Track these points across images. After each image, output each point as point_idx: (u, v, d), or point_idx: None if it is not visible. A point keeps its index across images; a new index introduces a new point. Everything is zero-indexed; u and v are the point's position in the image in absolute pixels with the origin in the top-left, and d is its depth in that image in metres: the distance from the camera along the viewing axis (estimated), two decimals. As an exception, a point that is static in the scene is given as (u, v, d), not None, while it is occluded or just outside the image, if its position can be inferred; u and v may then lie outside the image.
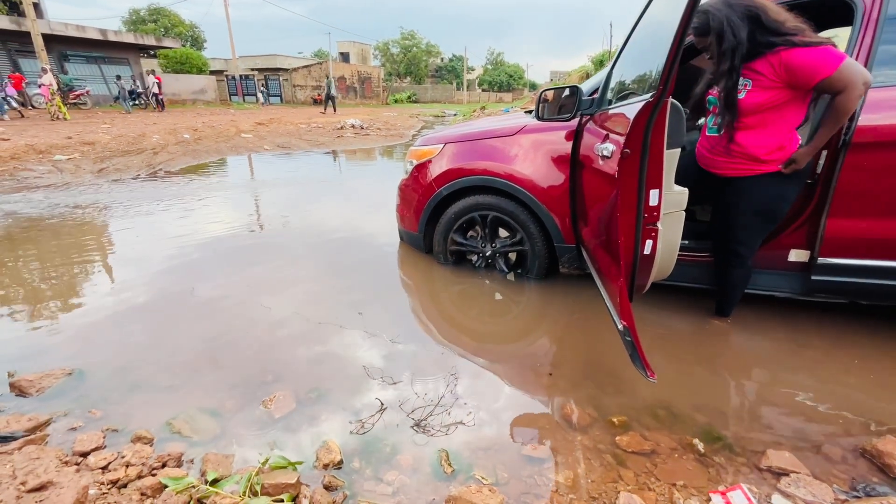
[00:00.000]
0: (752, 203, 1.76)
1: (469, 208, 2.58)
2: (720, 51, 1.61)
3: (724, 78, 1.63)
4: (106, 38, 18.04)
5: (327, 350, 1.94)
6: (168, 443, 1.40)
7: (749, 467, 1.30)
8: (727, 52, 1.60)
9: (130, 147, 7.65)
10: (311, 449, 1.37)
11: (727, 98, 1.65)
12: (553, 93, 2.26)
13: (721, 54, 1.62)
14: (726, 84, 1.63)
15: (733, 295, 2.05)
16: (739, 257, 1.88)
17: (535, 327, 2.19)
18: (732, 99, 1.64)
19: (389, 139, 11.31)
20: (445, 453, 1.35)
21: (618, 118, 1.53)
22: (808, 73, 1.51)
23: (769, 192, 1.73)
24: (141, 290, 2.54)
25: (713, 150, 1.81)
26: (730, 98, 1.64)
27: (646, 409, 1.55)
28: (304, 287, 2.59)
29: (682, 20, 1.15)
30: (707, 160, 1.86)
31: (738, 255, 1.88)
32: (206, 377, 1.75)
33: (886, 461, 1.27)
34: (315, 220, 3.98)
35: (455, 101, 42.55)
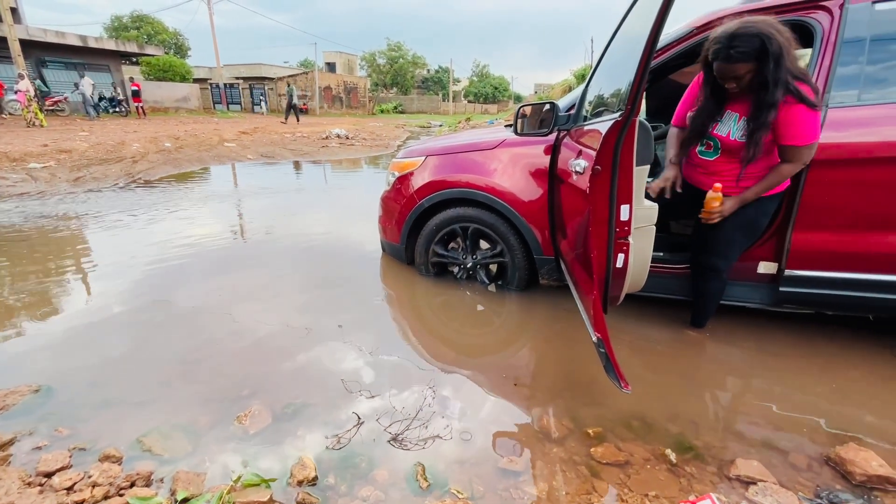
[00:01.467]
0: (737, 218, 1.78)
1: (450, 220, 2.60)
2: (775, 78, 1.49)
3: (767, 111, 1.53)
4: (86, 44, 17.76)
5: (306, 363, 1.93)
6: (138, 461, 1.37)
7: (719, 476, 1.33)
8: (780, 81, 1.48)
9: (109, 155, 7.51)
10: (286, 465, 1.36)
11: (758, 133, 1.57)
12: (531, 108, 2.31)
13: (775, 82, 1.49)
14: (764, 118, 1.54)
15: (709, 306, 2.10)
16: (717, 270, 1.92)
17: (514, 339, 2.21)
18: (761, 136, 1.58)
19: (375, 149, 11.33)
20: (422, 467, 1.35)
21: (591, 134, 1.58)
22: (791, 132, 1.55)
23: (754, 207, 1.76)
24: (116, 302, 2.49)
25: (707, 172, 1.83)
26: (760, 134, 1.58)
27: (620, 420, 1.57)
28: (285, 298, 2.57)
29: (648, 41, 1.20)
30: (698, 180, 1.88)
31: (715, 269, 1.92)
32: (179, 392, 1.71)
33: (848, 468, 1.31)
34: (297, 231, 3.95)
35: (441, 112, 42.90)
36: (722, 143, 1.74)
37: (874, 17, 1.70)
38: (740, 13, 1.89)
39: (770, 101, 1.52)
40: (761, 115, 1.56)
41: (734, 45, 1.50)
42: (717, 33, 1.57)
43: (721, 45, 1.53)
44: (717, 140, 1.76)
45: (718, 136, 1.75)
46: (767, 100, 1.53)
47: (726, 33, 1.52)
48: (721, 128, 1.75)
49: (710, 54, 1.59)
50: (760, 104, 1.56)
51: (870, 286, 1.80)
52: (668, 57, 2.08)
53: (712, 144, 1.79)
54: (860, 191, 1.72)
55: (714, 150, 1.79)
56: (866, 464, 1.29)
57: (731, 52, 1.51)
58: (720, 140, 1.75)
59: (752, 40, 1.47)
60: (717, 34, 1.57)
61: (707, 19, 1.96)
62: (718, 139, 1.75)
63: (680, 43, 2.04)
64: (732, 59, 1.52)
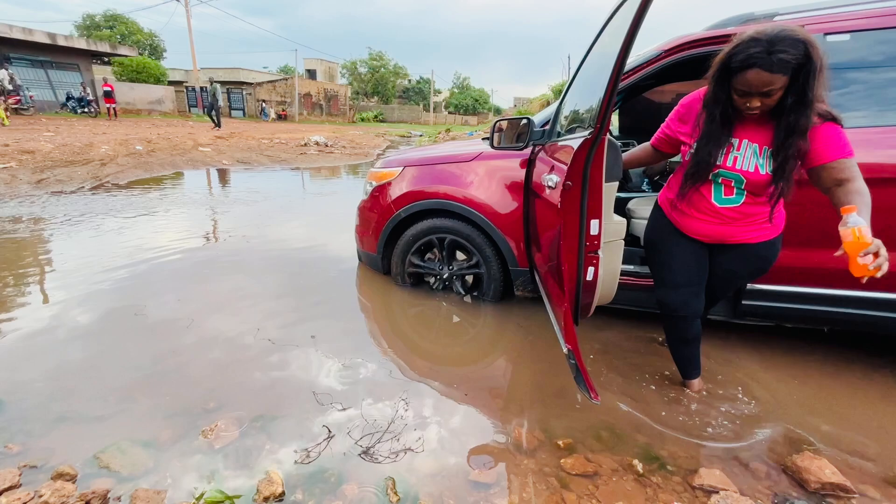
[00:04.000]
0: (757, 263, 1.58)
1: (427, 231, 2.61)
2: (811, 96, 1.24)
3: (797, 137, 1.30)
4: (55, 42, 17.16)
5: (276, 375, 1.89)
6: (94, 479, 1.31)
7: (683, 486, 1.36)
8: (814, 100, 1.26)
9: (75, 157, 7.23)
10: (252, 481, 1.32)
11: (790, 164, 1.34)
12: (507, 122, 2.36)
13: (809, 102, 1.26)
14: (794, 146, 1.31)
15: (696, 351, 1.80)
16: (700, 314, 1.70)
17: (489, 350, 2.22)
18: (793, 167, 1.35)
19: (354, 157, 11.29)
20: (392, 481, 1.34)
21: (563, 151, 1.62)
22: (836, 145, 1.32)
23: (775, 249, 1.58)
24: (76, 311, 2.38)
25: (728, 221, 1.51)
26: (792, 165, 1.34)
27: (590, 431, 1.59)
28: (257, 308, 2.51)
29: (616, 63, 1.24)
30: (717, 232, 1.54)
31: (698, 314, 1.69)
32: (142, 406, 1.65)
33: (804, 476, 1.36)
34: (271, 239, 3.88)
35: (422, 123, 43.14)
36: (749, 180, 1.41)
37: (827, 48, 1.81)
38: (706, 40, 2.00)
39: (804, 125, 1.28)
40: (791, 143, 1.31)
41: (778, 49, 1.20)
42: (749, 36, 1.25)
43: (760, 50, 1.21)
44: (741, 177, 1.43)
45: (743, 172, 1.42)
46: (801, 124, 1.28)
47: (765, 36, 1.21)
48: (744, 162, 1.42)
49: (740, 62, 1.25)
50: (790, 129, 1.30)
51: (824, 300, 1.89)
52: (639, 78, 2.16)
53: (733, 185, 1.46)
54: (811, 210, 1.81)
55: (737, 192, 1.46)
56: (820, 472, 1.35)
57: (775, 59, 1.20)
58: (746, 177, 1.42)
59: (797, 45, 1.20)
60: (747, 37, 1.25)
61: (675, 43, 2.05)
62: (743, 176, 1.42)
63: (649, 65, 2.12)
64: (775, 68, 1.21)
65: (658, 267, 1.72)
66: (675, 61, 2.06)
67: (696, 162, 1.47)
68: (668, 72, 2.17)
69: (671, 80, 3.29)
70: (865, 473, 1.44)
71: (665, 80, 3.24)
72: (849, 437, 1.61)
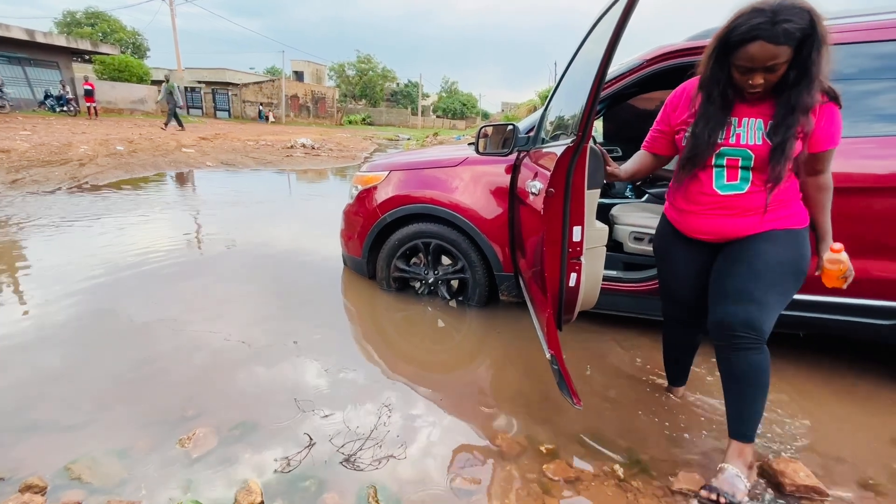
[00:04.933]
0: (787, 255, 1.34)
1: (412, 236, 2.61)
2: (816, 70, 1.17)
3: (800, 115, 1.21)
4: (33, 38, 16.75)
5: (257, 381, 1.86)
6: (65, 491, 1.27)
7: (663, 490, 1.38)
8: (819, 75, 1.18)
9: (53, 157, 7.05)
10: (231, 491, 1.29)
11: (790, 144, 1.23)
12: (493, 128, 2.37)
13: (814, 76, 1.18)
14: (795, 124, 1.22)
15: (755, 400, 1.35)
16: (756, 330, 1.28)
17: (473, 356, 2.22)
18: (793, 147, 1.24)
19: (341, 160, 11.23)
20: (373, 489, 1.32)
21: (546, 157, 1.63)
22: (831, 132, 1.27)
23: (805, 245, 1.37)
24: (50, 316, 2.32)
25: (732, 211, 1.36)
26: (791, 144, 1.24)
27: (573, 437, 1.60)
28: (239, 313, 2.48)
29: (598, 72, 1.26)
30: (722, 227, 1.39)
31: (755, 327, 1.28)
32: (117, 414, 1.61)
33: (780, 479, 1.39)
34: (255, 242, 3.83)
35: (410, 126, 43.16)
36: (758, 155, 1.29)
37: None
38: (686, 50, 2.04)
39: (807, 102, 1.20)
40: (793, 121, 1.22)
41: (783, 18, 1.11)
42: (750, 6, 1.16)
43: (764, 20, 1.12)
44: (749, 153, 1.30)
45: (751, 146, 1.29)
46: (804, 101, 1.20)
47: (769, 5, 1.13)
48: (748, 137, 1.30)
49: (742, 34, 1.16)
50: (792, 105, 1.21)
51: (798, 305, 1.93)
52: (622, 86, 2.19)
53: (739, 166, 1.33)
54: None
55: (743, 176, 1.33)
56: (795, 474, 1.38)
57: (780, 29, 1.11)
58: (755, 151, 1.29)
59: (802, 14, 1.12)
60: (748, 7, 1.16)
61: (656, 53, 2.09)
62: (751, 150, 1.29)
63: (632, 73, 2.15)
64: (780, 39, 1.12)
65: (660, 276, 1.67)
66: (656, 70, 2.10)
67: (693, 144, 1.35)
68: (651, 80, 2.21)
69: (654, 88, 3.35)
70: (839, 476, 1.47)
71: (648, 88, 3.29)
72: (824, 440, 1.65)
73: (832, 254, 1.35)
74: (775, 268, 1.33)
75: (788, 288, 1.36)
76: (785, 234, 1.36)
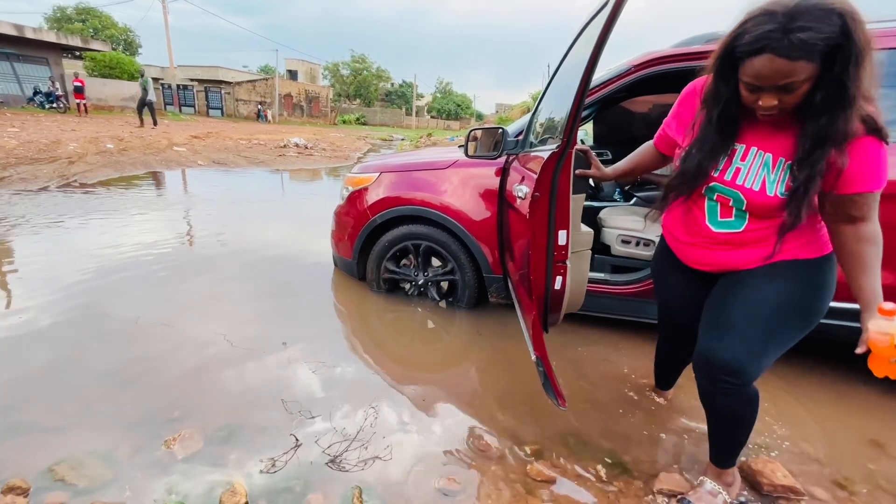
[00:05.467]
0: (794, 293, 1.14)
1: (402, 237, 2.62)
2: (850, 94, 0.91)
3: (830, 147, 0.97)
4: (22, 34, 16.53)
5: (244, 382, 1.86)
6: (48, 492, 1.27)
7: (645, 490, 1.40)
8: (856, 98, 0.92)
9: (41, 155, 6.98)
10: (215, 492, 1.30)
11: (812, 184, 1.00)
12: (482, 132, 2.39)
13: (851, 99, 0.91)
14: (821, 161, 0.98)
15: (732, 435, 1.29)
16: (739, 375, 1.13)
17: (461, 357, 2.23)
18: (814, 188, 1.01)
19: (334, 160, 11.20)
20: (358, 490, 1.33)
21: (533, 161, 1.65)
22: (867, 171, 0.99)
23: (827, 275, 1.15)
24: (36, 315, 2.30)
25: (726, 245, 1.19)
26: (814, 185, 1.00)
27: (557, 437, 1.62)
28: (227, 313, 2.47)
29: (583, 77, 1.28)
30: (720, 260, 1.22)
31: (737, 372, 1.13)
32: (102, 415, 1.60)
33: (758, 479, 1.42)
34: (245, 242, 3.82)
35: (404, 126, 43.11)
36: (750, 202, 1.10)
37: None
38: (672, 56, 2.07)
39: (839, 130, 0.94)
40: (819, 156, 0.97)
41: (799, 26, 0.87)
42: (760, 9, 0.93)
43: (775, 27, 0.89)
44: (741, 197, 1.11)
45: (744, 190, 1.10)
46: (835, 129, 0.94)
47: (783, 7, 0.89)
48: (748, 177, 1.10)
49: (747, 45, 0.94)
50: (820, 137, 0.96)
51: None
52: (610, 91, 2.22)
53: (731, 205, 1.14)
54: None
55: (738, 214, 1.15)
56: (773, 474, 1.41)
57: (795, 39, 0.87)
58: (747, 197, 1.10)
59: (828, 19, 0.87)
60: (758, 10, 0.93)
61: (643, 59, 2.12)
62: (743, 195, 1.10)
63: (620, 78, 2.18)
64: (794, 53, 0.88)
65: (657, 298, 1.56)
66: (644, 76, 2.13)
67: (681, 171, 1.17)
68: (639, 86, 2.24)
69: (643, 93, 3.39)
70: (816, 476, 1.51)
71: (637, 92, 3.33)
72: (802, 440, 1.68)
73: (881, 319, 0.97)
74: (776, 311, 1.13)
75: (791, 334, 1.16)
76: (794, 266, 1.14)
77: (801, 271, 1.15)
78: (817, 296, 1.15)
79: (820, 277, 1.15)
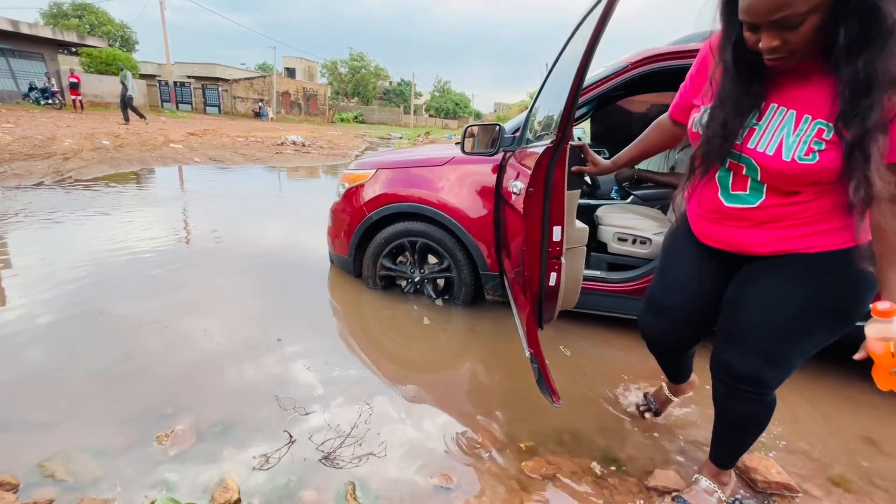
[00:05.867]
0: (822, 297, 0.98)
1: (399, 234, 2.61)
2: (887, 24, 0.73)
3: (877, 92, 0.77)
4: (17, 29, 16.42)
5: (239, 379, 1.85)
6: (37, 488, 1.25)
7: (639, 487, 1.40)
8: (891, 31, 0.74)
9: (36, 150, 6.93)
10: (207, 488, 1.29)
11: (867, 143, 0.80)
12: (479, 128, 2.38)
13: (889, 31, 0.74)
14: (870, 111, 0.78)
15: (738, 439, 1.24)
16: (759, 385, 1.09)
17: (456, 355, 2.23)
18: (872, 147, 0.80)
19: (332, 158, 11.17)
20: (352, 486, 1.32)
21: (529, 158, 1.65)
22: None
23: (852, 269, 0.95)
24: (29, 311, 2.27)
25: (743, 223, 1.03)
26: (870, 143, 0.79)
27: (552, 434, 1.62)
28: (222, 310, 2.46)
29: (578, 72, 1.27)
30: (736, 238, 1.06)
31: (758, 381, 1.08)
32: (94, 411, 1.59)
33: (752, 475, 1.42)
34: (241, 239, 3.80)
35: (402, 125, 43.05)
36: (766, 168, 0.94)
37: None
38: (669, 54, 2.07)
39: (882, 69, 0.76)
40: (869, 104, 0.78)
41: None
42: None
43: None
44: (754, 163, 0.95)
45: (756, 154, 0.94)
46: (876, 68, 0.76)
47: None
48: (761, 139, 0.94)
49: None
50: (857, 81, 0.78)
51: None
52: (607, 88, 2.21)
53: (746, 174, 0.99)
54: None
55: (753, 186, 0.99)
56: (767, 471, 1.41)
57: None
58: (761, 164, 0.94)
59: None
60: None
61: (640, 56, 2.12)
62: (756, 161, 0.94)
63: (617, 76, 2.18)
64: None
65: (655, 278, 1.34)
66: (640, 74, 2.12)
67: (706, 139, 1.00)
68: (636, 83, 2.23)
69: (641, 91, 3.39)
70: (811, 473, 1.51)
71: (635, 91, 3.33)
72: (798, 438, 1.68)
73: (878, 322, 0.86)
74: (796, 320, 0.99)
75: (817, 340, 1.03)
76: (815, 260, 0.97)
77: (825, 266, 0.97)
78: (849, 295, 0.98)
79: (849, 272, 0.95)
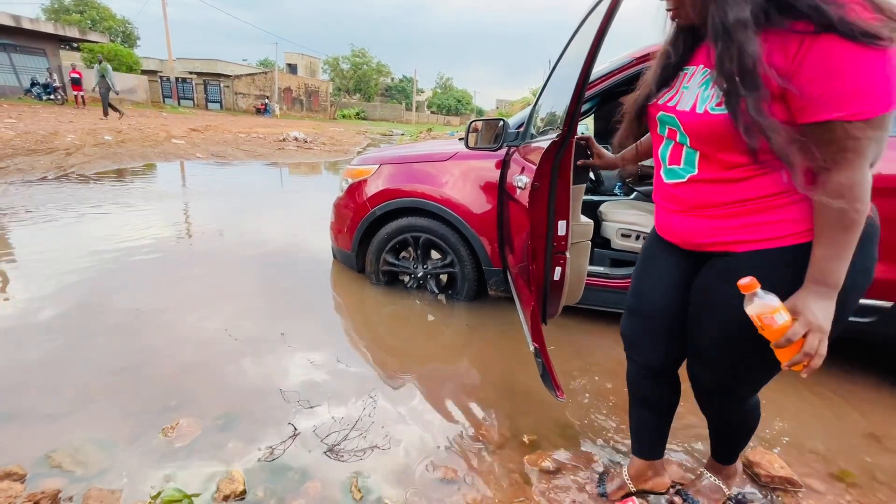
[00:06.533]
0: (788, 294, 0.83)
1: (402, 229, 2.61)
2: None
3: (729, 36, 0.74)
4: (19, 25, 16.41)
5: (243, 372, 1.85)
6: (44, 479, 1.26)
7: (642, 481, 1.40)
8: None
9: (39, 146, 6.93)
10: (213, 479, 1.30)
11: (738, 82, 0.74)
12: (482, 123, 2.38)
13: None
14: (734, 59, 0.73)
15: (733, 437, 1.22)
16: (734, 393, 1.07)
17: (460, 349, 2.23)
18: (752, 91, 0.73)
19: (334, 154, 11.16)
20: (356, 479, 1.33)
21: (534, 152, 1.64)
22: (832, 89, 0.69)
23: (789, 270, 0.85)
24: (33, 305, 2.28)
25: (682, 207, 0.94)
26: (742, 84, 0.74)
27: (556, 428, 1.62)
28: (227, 304, 2.46)
29: (584, 67, 1.27)
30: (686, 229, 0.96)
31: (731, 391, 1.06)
32: (100, 403, 1.60)
33: (755, 470, 1.42)
34: (244, 234, 3.81)
35: (404, 121, 42.99)
36: (685, 125, 0.87)
37: None
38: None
39: (729, 13, 0.73)
40: (725, 51, 0.75)
41: None
42: None
43: None
44: (677, 121, 0.89)
45: (677, 112, 0.89)
46: (727, 13, 0.73)
47: None
48: (682, 97, 0.89)
49: None
50: (715, 25, 0.76)
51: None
52: (611, 83, 2.21)
53: (677, 140, 0.91)
54: None
55: (687, 158, 0.89)
56: (770, 466, 1.41)
57: None
58: (681, 120, 0.88)
59: None
60: None
61: (645, 51, 2.11)
62: (678, 118, 0.88)
63: (621, 71, 2.17)
64: None
65: (632, 284, 1.22)
66: (645, 69, 2.11)
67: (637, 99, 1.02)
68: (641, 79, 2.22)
69: (645, 87, 3.37)
70: (814, 468, 1.51)
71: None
72: (801, 433, 1.68)
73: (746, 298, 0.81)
74: (751, 332, 0.83)
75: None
76: (762, 259, 0.85)
77: (776, 266, 0.85)
78: None
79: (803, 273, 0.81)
